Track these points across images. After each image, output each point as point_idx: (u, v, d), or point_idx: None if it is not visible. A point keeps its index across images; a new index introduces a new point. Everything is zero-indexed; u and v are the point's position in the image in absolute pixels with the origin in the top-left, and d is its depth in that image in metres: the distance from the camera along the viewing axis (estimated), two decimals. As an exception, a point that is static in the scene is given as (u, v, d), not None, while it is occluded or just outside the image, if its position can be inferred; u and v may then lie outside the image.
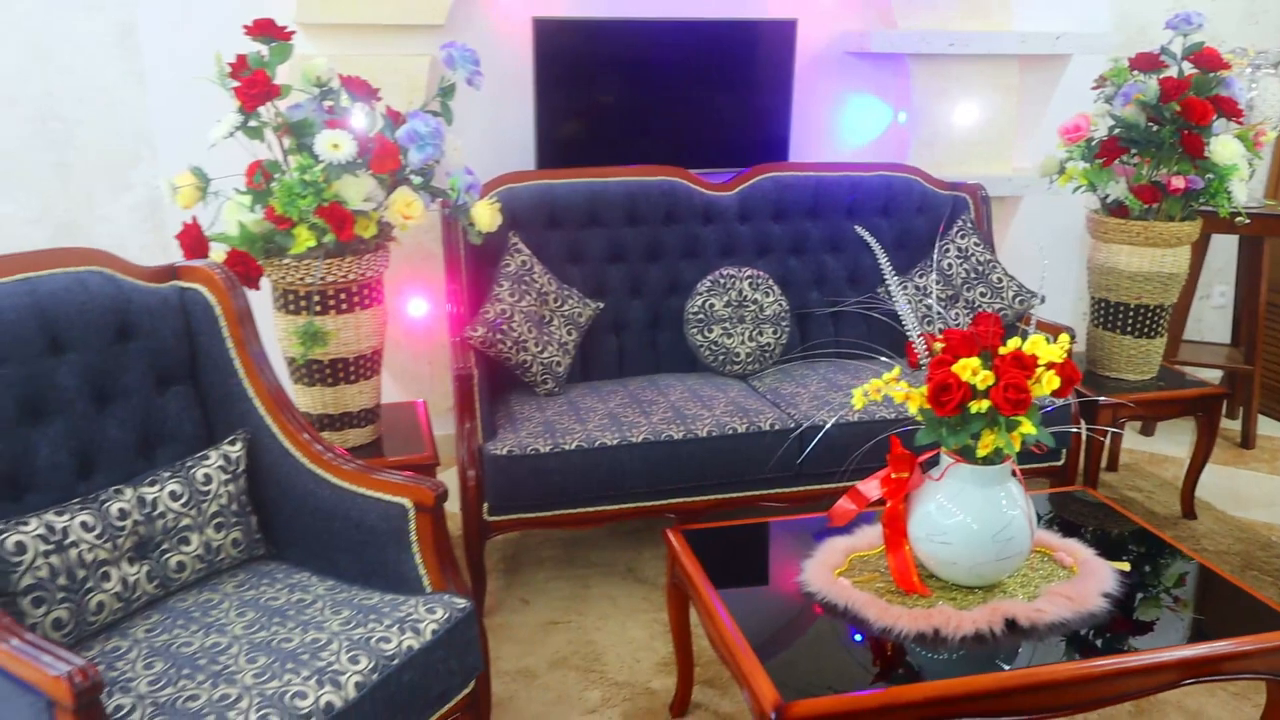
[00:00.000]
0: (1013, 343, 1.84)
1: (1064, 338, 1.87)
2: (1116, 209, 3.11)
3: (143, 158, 3.23)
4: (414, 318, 3.44)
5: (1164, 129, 2.92)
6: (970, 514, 1.85)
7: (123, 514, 1.77)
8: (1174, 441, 3.86)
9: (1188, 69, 2.98)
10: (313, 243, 2.32)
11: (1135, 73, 3.00)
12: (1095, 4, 3.83)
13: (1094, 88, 3.15)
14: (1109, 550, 2.10)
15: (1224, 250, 4.12)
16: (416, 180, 2.52)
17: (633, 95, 3.39)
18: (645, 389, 2.93)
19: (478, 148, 3.25)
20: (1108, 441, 3.63)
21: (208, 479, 1.90)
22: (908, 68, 3.65)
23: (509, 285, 2.88)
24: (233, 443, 1.97)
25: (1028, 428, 1.82)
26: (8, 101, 3.06)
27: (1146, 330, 3.14)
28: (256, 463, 2.00)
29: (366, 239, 2.44)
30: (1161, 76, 2.94)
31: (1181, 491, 3.24)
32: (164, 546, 1.83)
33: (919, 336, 1.96)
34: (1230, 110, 2.88)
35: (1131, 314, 3.13)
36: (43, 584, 1.64)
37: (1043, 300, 3.11)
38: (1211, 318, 4.39)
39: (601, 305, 3.09)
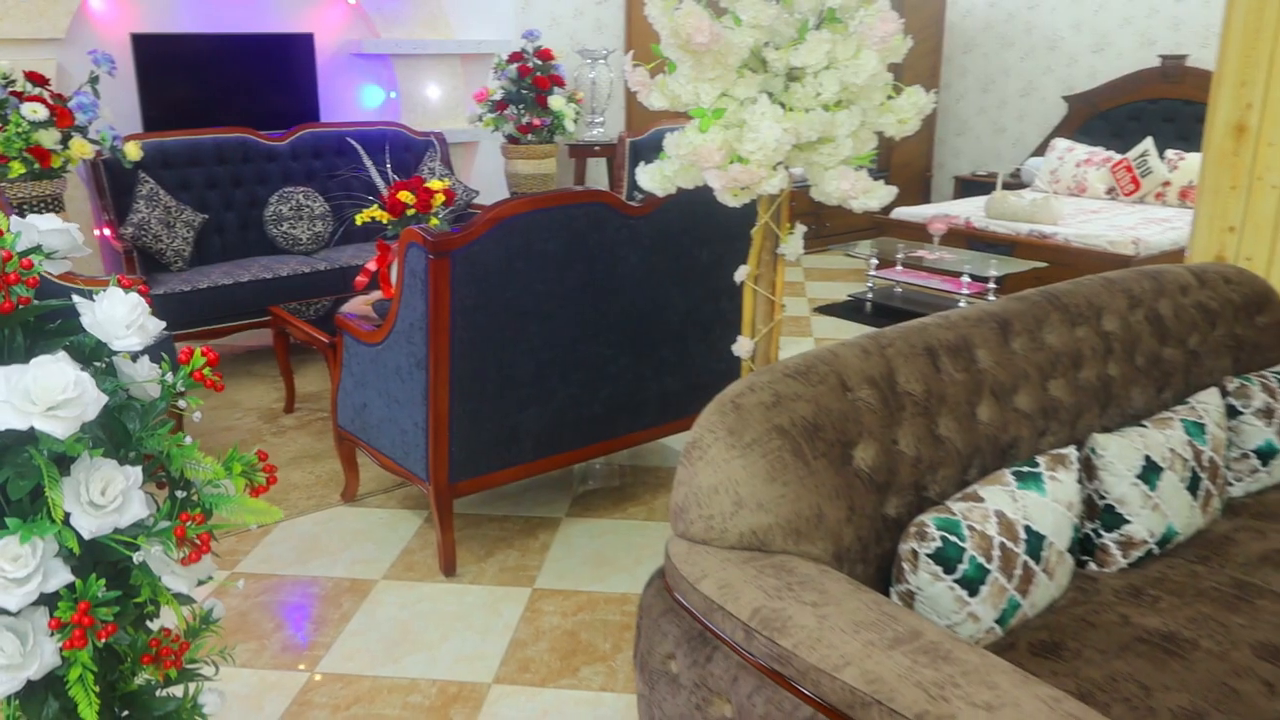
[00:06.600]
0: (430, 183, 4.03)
1: (445, 181, 4.11)
2: (512, 139, 5.51)
3: None
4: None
5: (527, 93, 5.36)
6: (417, 266, 4.02)
7: None
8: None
9: (537, 61, 5.45)
10: (23, 170, 3.90)
11: (508, 64, 5.41)
12: (506, 21, 6.26)
13: (494, 71, 5.52)
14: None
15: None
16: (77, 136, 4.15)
17: (212, 81, 5.16)
18: (243, 265, 4.79)
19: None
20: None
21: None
22: (392, 63, 5.79)
23: (143, 203, 4.56)
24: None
25: (434, 222, 4.03)
26: None
27: (540, 207, 5.60)
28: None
29: (55, 168, 4.04)
30: (522, 64, 5.37)
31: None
32: None
33: (387, 187, 4.09)
34: (558, 82, 5.39)
35: (530, 198, 5.57)
36: None
37: (478, 194, 5.42)
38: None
39: (206, 216, 4.87)
